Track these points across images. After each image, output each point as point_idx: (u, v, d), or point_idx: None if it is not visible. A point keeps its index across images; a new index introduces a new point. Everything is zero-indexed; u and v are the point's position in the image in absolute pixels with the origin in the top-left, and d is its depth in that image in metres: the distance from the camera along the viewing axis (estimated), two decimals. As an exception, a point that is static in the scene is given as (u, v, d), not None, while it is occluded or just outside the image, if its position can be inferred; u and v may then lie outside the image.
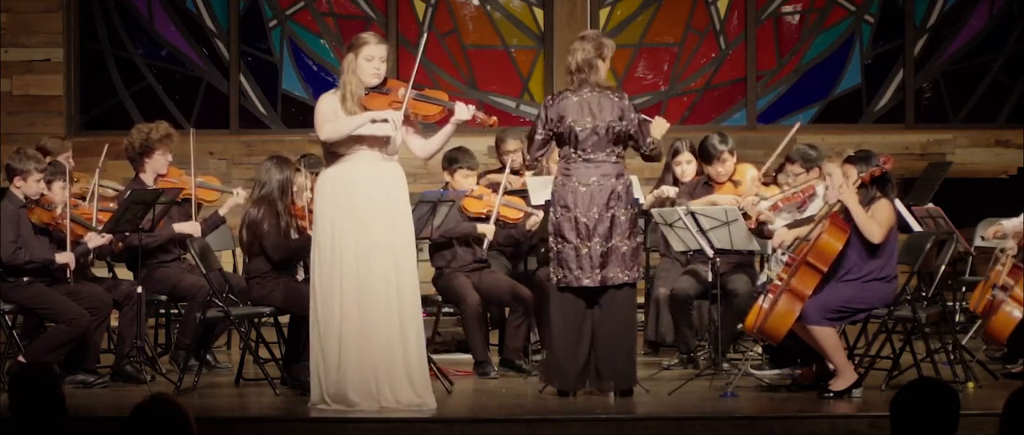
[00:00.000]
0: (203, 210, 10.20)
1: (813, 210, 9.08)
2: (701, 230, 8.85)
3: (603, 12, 13.37)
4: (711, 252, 8.89)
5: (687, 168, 9.98)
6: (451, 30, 13.48)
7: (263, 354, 9.12)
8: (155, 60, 13.43)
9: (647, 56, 13.53)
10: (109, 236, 9.12)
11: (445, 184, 9.93)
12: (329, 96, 8.07)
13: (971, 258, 10.88)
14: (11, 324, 9.12)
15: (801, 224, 8.89)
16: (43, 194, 9.04)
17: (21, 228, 8.94)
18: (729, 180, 9.66)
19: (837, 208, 8.44)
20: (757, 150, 11.68)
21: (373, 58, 8.00)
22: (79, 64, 13.31)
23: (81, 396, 8.55)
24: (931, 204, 10.70)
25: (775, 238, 9.03)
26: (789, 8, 13.54)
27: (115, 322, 9.33)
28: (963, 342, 9.22)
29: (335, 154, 7.99)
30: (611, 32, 12.85)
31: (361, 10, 13.43)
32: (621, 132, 8.37)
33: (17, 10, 13.08)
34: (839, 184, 8.44)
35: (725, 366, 8.92)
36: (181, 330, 9.59)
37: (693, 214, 8.87)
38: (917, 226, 9.63)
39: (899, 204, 8.94)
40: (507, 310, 9.75)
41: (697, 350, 9.59)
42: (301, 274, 8.97)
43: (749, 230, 8.96)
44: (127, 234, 9.20)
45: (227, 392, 8.97)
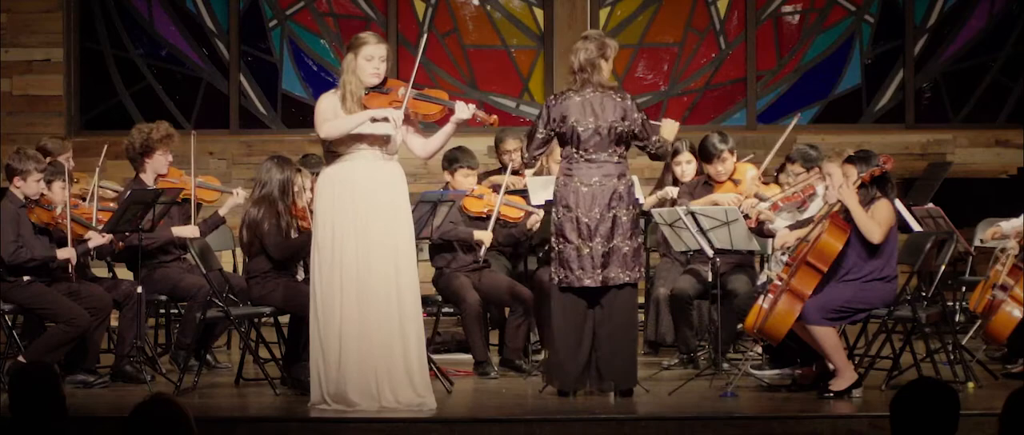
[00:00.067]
0: (203, 210, 10.20)
1: (813, 210, 9.09)
2: (701, 230, 8.85)
3: (603, 12, 13.36)
4: (711, 252, 8.89)
5: (687, 168, 9.98)
6: (451, 30, 13.47)
7: (263, 354, 9.12)
8: (155, 60, 13.42)
9: (647, 56, 13.52)
10: (110, 235, 9.12)
11: (445, 184, 9.92)
12: (329, 95, 8.06)
13: (971, 258, 10.87)
14: (11, 324, 9.12)
15: (803, 225, 8.89)
16: (43, 194, 9.03)
17: (21, 228, 8.93)
18: (729, 179, 9.67)
19: (837, 208, 8.44)
20: (757, 150, 11.67)
21: (373, 58, 8.00)
22: (79, 64, 13.30)
23: (81, 396, 8.55)
24: (931, 204, 10.70)
25: (777, 239, 9.03)
26: (789, 8, 13.54)
27: (115, 322, 9.32)
28: (963, 342, 9.22)
29: (335, 153, 7.99)
30: (611, 32, 12.84)
31: (361, 10, 13.42)
32: (623, 132, 8.36)
33: (17, 10, 13.07)
34: (839, 184, 8.44)
35: (725, 366, 8.92)
36: (181, 330, 9.58)
37: (693, 214, 8.87)
38: (917, 226, 9.63)
39: (899, 204, 8.95)
40: (507, 310, 9.74)
41: (697, 350, 9.59)
42: (301, 274, 8.95)
43: (749, 229, 8.96)
44: (127, 234, 9.20)
45: (227, 392, 8.97)
